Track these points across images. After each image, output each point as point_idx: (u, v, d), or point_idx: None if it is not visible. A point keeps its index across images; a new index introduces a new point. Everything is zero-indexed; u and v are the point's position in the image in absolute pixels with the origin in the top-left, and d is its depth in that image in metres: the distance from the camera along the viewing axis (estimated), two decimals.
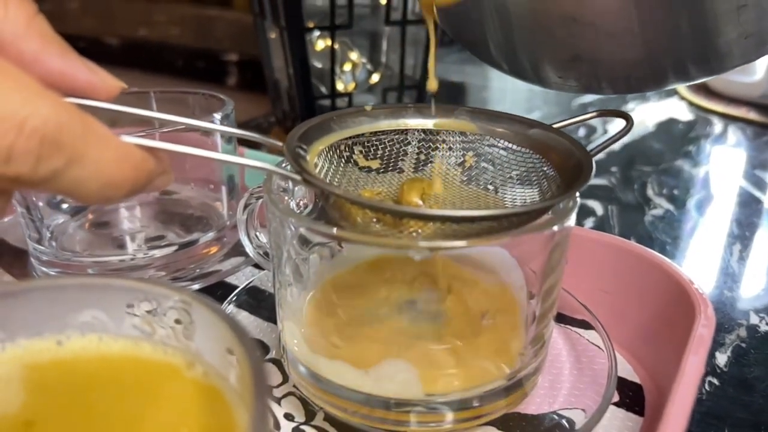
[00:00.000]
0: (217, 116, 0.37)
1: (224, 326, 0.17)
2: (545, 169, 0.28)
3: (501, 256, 0.28)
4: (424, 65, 0.59)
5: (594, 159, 0.27)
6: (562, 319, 0.35)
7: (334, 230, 0.23)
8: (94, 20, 1.22)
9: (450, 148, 0.31)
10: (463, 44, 0.31)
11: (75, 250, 0.38)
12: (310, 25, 0.55)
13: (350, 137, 0.30)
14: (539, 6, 0.25)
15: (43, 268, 0.38)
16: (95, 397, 0.19)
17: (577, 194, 0.26)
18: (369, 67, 0.59)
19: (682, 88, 0.89)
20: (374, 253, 0.25)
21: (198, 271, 0.39)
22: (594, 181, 0.59)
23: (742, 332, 0.37)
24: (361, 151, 0.30)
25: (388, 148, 0.31)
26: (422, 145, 0.31)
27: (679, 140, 0.71)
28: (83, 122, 0.19)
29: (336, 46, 0.56)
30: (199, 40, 1.10)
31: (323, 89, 0.58)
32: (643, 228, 0.50)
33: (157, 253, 0.38)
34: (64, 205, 0.40)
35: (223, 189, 0.41)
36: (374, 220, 0.24)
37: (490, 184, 0.30)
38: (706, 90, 0.88)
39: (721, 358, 0.35)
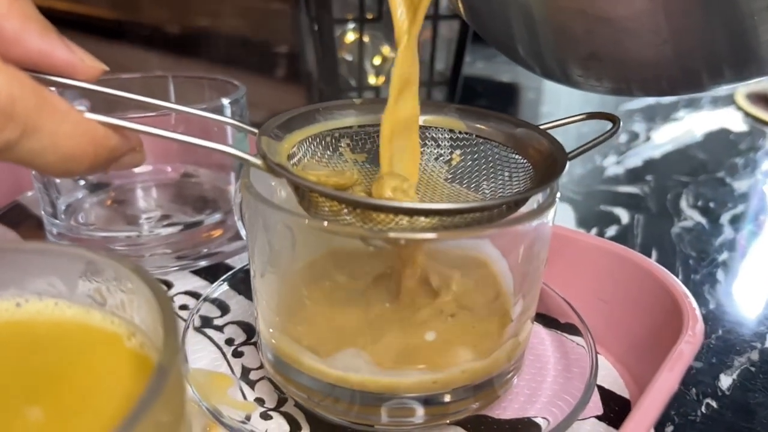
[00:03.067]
0: (226, 101, 0.38)
1: (154, 301, 0.18)
2: (526, 168, 0.27)
3: (481, 253, 0.27)
4: (455, 61, 0.58)
5: (571, 158, 0.26)
6: (555, 325, 0.34)
7: (306, 221, 0.23)
8: (163, 10, 1.26)
9: (438, 145, 0.30)
10: (493, 44, 0.30)
11: (87, 225, 0.40)
12: (347, 17, 0.55)
13: (336, 129, 0.29)
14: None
15: (54, 240, 0.39)
16: (39, 359, 0.19)
17: (556, 193, 0.25)
18: None
19: (740, 97, 0.84)
20: (344, 243, 0.25)
21: (204, 251, 0.40)
22: (624, 188, 0.57)
23: (754, 355, 0.35)
24: (348, 144, 0.30)
25: (376, 142, 0.30)
26: None
27: (726, 151, 0.68)
28: (38, 95, 0.19)
29: (366, 40, 0.56)
30: (257, 31, 1.12)
31: (353, 82, 0.58)
32: (668, 239, 0.48)
33: (163, 231, 0.39)
34: (82, 182, 0.41)
35: (232, 174, 0.42)
36: (344, 211, 0.24)
37: (474, 183, 0.29)
38: (766, 101, 0.83)
39: (725, 381, 0.33)
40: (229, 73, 0.42)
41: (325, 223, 0.22)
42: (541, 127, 0.29)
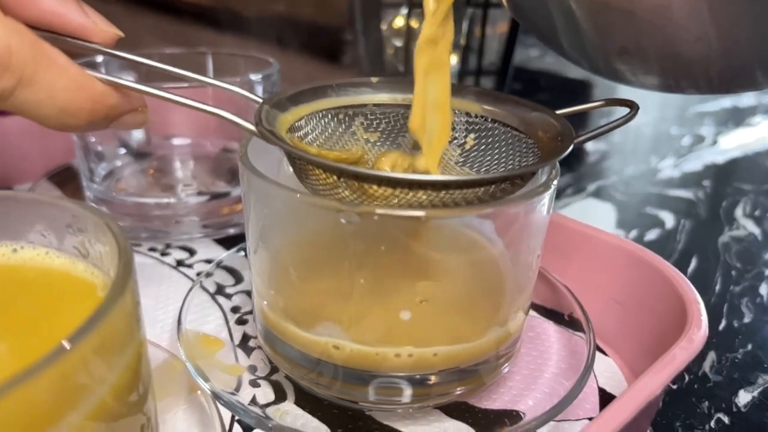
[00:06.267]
0: (256, 77, 0.39)
1: (118, 256, 0.18)
2: (536, 153, 0.26)
3: (476, 234, 0.27)
4: (505, 51, 0.57)
5: (582, 143, 0.25)
6: (561, 320, 0.33)
7: (298, 195, 0.24)
8: None
9: (453, 128, 0.30)
10: (539, 38, 0.29)
11: (122, 190, 0.42)
12: (396, 1, 0.55)
13: (349, 106, 0.29)
14: None
15: (91, 203, 0.41)
16: (24, 301, 0.21)
17: (553, 181, 0.24)
18: None
19: None
20: (334, 220, 0.25)
21: (229, 221, 0.41)
22: (676, 192, 0.54)
23: None
24: (361, 123, 0.30)
25: (391, 122, 0.30)
26: None
27: None
28: (36, 48, 0.20)
29: (415, 25, 0.55)
30: (312, 13, 1.13)
31: (400, 67, 0.58)
32: (712, 248, 0.45)
33: (192, 200, 0.41)
34: (123, 150, 0.43)
35: None
36: (339, 185, 0.24)
37: (485, 167, 0.28)
38: None
39: (744, 397, 0.31)
40: (281, 53, 0.43)
41: (298, 195, 0.22)
42: (559, 113, 0.28)
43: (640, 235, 0.46)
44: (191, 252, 0.39)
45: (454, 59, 0.59)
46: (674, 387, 0.31)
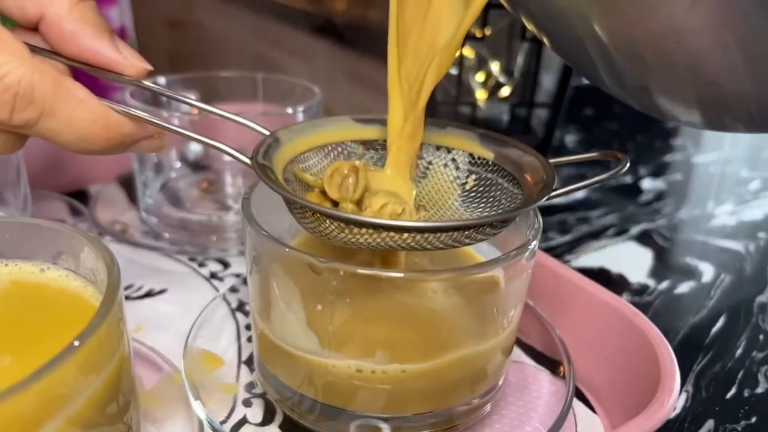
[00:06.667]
0: (300, 108, 0.42)
1: (106, 287, 0.22)
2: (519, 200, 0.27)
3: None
4: (558, 87, 0.56)
5: (552, 197, 0.25)
6: (552, 368, 0.33)
7: (279, 247, 0.26)
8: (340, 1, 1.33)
9: (445, 165, 0.31)
10: (587, 78, 0.29)
11: (171, 203, 0.46)
12: None
13: (355, 141, 0.31)
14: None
15: (144, 213, 0.46)
16: (40, 317, 0.24)
17: (531, 241, 0.25)
18: (502, 80, 0.58)
19: None
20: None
21: None
22: (725, 242, 0.52)
23: None
24: (371, 157, 0.32)
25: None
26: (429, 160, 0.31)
27: None
28: (56, 84, 0.24)
29: (470, 55, 0.57)
30: None
31: (452, 93, 0.59)
32: (746, 307, 0.44)
33: (230, 219, 0.44)
34: (178, 164, 0.48)
35: None
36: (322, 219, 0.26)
37: (480, 209, 0.29)
38: None
39: None
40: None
41: (279, 247, 0.24)
42: (552, 161, 0.28)
43: (671, 287, 0.45)
44: (225, 264, 0.43)
45: (507, 90, 0.60)
46: None
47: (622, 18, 0.23)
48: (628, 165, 0.26)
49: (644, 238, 0.53)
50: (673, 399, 0.26)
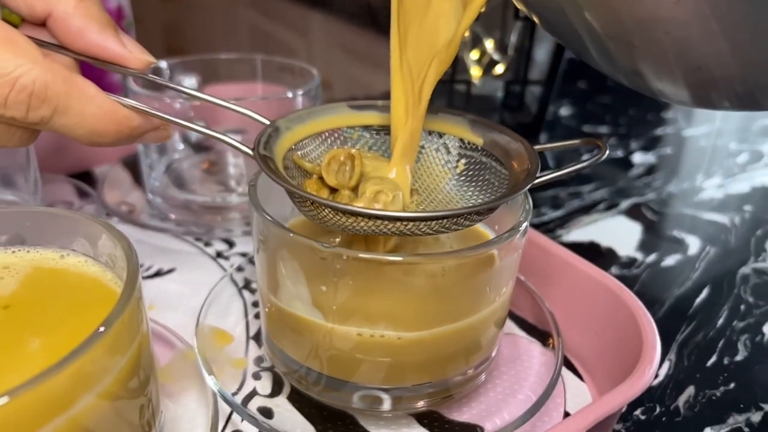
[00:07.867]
0: (299, 91, 0.43)
1: (126, 273, 0.23)
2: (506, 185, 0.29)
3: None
4: (551, 63, 0.58)
5: (535, 185, 0.27)
6: (543, 340, 0.35)
7: (285, 233, 0.27)
8: None
9: (437, 150, 0.32)
10: (577, 55, 0.30)
11: (175, 184, 0.47)
12: None
13: (352, 126, 0.33)
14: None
15: (150, 194, 0.47)
16: (63, 301, 0.26)
17: (522, 222, 0.27)
18: (496, 57, 0.59)
19: None
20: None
21: None
22: (711, 215, 0.54)
23: (756, 417, 0.34)
24: (366, 142, 0.33)
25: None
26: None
27: None
28: (68, 82, 0.25)
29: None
30: None
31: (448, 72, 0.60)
32: (729, 279, 0.46)
33: (235, 200, 0.46)
34: (180, 146, 0.49)
35: None
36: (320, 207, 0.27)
37: (469, 193, 0.31)
38: None
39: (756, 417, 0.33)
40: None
41: (284, 233, 0.26)
42: (536, 148, 0.30)
43: (658, 260, 0.47)
44: (231, 244, 0.45)
45: (501, 68, 0.61)
46: (643, 418, 0.34)
47: (612, 9, 0.24)
48: (607, 153, 0.28)
49: (634, 212, 0.54)
50: (654, 368, 0.28)
